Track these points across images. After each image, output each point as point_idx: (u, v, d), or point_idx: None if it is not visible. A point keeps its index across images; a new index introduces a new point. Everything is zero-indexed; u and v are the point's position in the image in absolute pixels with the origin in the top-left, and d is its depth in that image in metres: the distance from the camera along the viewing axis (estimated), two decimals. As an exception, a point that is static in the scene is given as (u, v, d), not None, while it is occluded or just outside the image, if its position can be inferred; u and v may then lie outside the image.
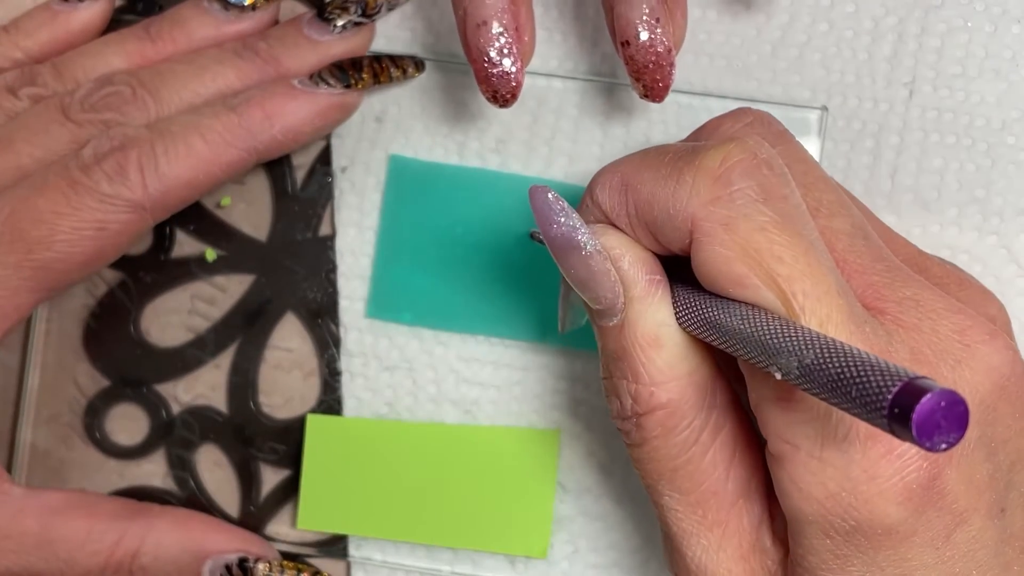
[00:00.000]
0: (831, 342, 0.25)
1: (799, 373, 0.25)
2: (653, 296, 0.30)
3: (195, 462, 0.40)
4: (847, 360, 0.24)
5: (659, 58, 0.34)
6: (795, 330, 0.26)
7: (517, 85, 0.35)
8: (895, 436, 0.23)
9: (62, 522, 0.35)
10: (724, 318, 0.28)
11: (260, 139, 0.36)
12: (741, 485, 0.31)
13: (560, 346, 0.39)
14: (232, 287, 0.40)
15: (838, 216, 0.30)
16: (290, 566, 0.38)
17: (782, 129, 0.33)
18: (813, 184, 0.31)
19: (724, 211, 0.28)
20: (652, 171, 0.30)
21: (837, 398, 0.24)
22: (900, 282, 0.29)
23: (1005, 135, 0.38)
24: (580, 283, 0.30)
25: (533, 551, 0.38)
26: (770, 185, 0.28)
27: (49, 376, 0.40)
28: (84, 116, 0.36)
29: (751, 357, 0.27)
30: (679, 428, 0.30)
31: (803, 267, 0.27)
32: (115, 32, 0.39)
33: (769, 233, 0.28)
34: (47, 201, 0.34)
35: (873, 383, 0.23)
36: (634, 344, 0.30)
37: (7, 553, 0.35)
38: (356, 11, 0.38)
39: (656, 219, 0.30)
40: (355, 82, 0.37)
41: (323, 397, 0.40)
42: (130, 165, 0.35)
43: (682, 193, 0.29)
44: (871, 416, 0.23)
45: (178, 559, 0.36)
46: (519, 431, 0.39)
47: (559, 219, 0.30)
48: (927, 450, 0.22)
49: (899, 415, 0.22)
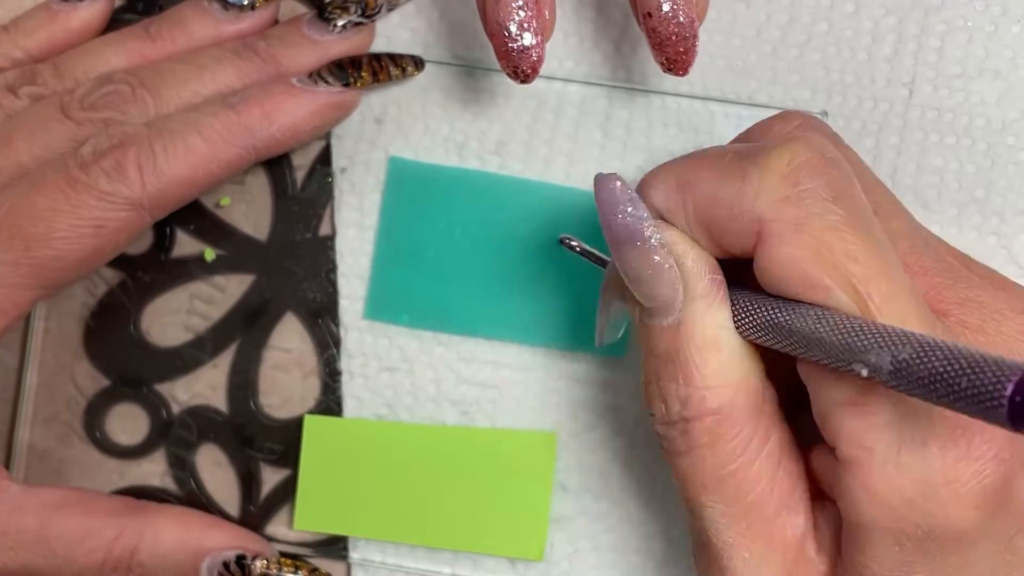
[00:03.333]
0: (928, 338, 0.25)
1: (893, 369, 0.25)
2: (715, 296, 0.30)
3: (195, 462, 0.40)
4: (953, 353, 0.24)
5: (682, 29, 0.34)
6: (883, 328, 0.26)
7: (538, 60, 0.35)
8: (1013, 429, 0.22)
9: (60, 519, 0.35)
10: (794, 320, 0.28)
11: (259, 137, 0.36)
12: (785, 495, 0.30)
13: (559, 347, 0.39)
14: (232, 287, 0.40)
15: (896, 218, 0.30)
16: (287, 563, 0.38)
17: (832, 132, 0.33)
18: (870, 186, 0.30)
19: (794, 210, 0.28)
20: (713, 171, 0.29)
21: (940, 392, 0.24)
22: (962, 283, 0.29)
23: (1005, 135, 0.38)
24: (638, 278, 0.30)
25: (529, 553, 0.38)
26: (839, 185, 0.28)
27: (48, 375, 0.40)
28: (83, 115, 0.36)
29: (824, 359, 0.27)
30: (728, 436, 0.30)
31: (877, 267, 0.27)
32: (115, 32, 0.39)
33: (842, 232, 0.27)
34: (45, 199, 0.34)
35: (988, 374, 0.23)
36: (690, 345, 0.29)
37: (5, 550, 0.35)
38: (356, 11, 0.38)
39: (719, 219, 0.29)
40: (354, 80, 0.37)
41: (323, 397, 0.40)
42: (128, 163, 0.35)
43: (748, 192, 0.28)
44: (984, 409, 0.23)
45: (176, 556, 0.36)
46: (515, 433, 0.39)
47: (626, 209, 0.30)
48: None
49: (1021, 403, 0.22)
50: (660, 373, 0.30)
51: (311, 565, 0.38)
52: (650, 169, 0.38)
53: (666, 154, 0.38)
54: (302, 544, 0.39)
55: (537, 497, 0.38)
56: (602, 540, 0.39)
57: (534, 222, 0.39)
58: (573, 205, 0.39)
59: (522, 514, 0.38)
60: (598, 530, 0.39)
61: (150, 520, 0.36)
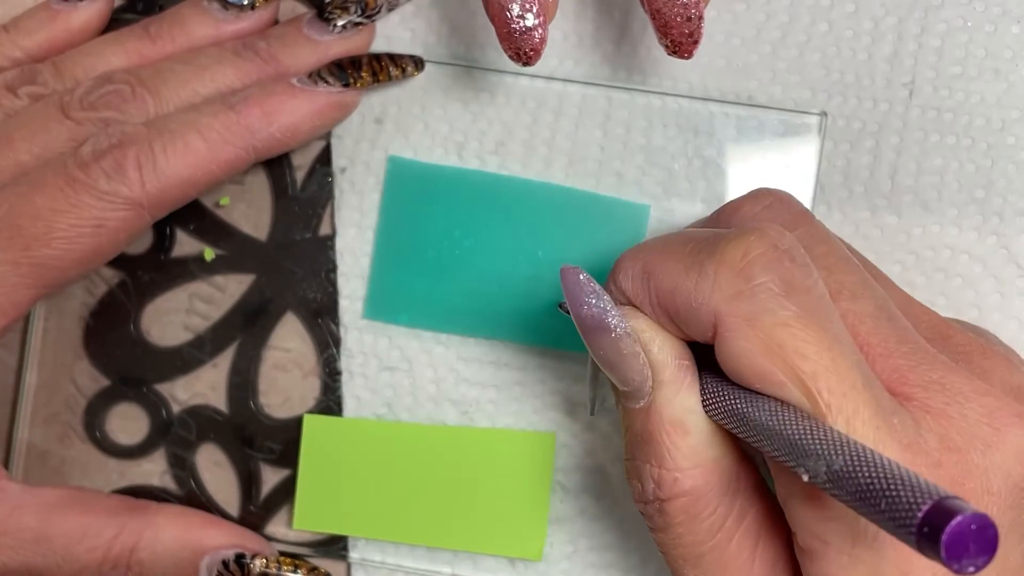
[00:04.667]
0: (861, 450, 0.25)
1: (827, 478, 0.25)
2: (681, 382, 0.30)
3: (194, 461, 0.40)
4: (877, 471, 0.24)
5: (686, 10, 0.33)
6: (824, 432, 0.26)
7: (540, 41, 0.34)
8: (922, 554, 0.22)
9: (59, 518, 0.35)
10: (751, 412, 0.28)
11: (259, 137, 0.36)
12: (767, 568, 0.30)
13: (558, 347, 0.39)
14: (232, 287, 0.40)
15: (861, 298, 0.30)
16: (287, 562, 0.38)
17: (802, 209, 0.33)
18: (835, 266, 0.30)
19: (747, 306, 0.28)
20: (674, 262, 0.30)
21: (865, 508, 0.24)
22: (926, 365, 0.29)
23: (1005, 135, 0.38)
24: (608, 365, 0.30)
25: (528, 553, 0.38)
26: (792, 278, 0.28)
27: (47, 375, 0.40)
28: (83, 114, 0.36)
29: (778, 455, 0.27)
30: (703, 515, 0.30)
31: (827, 363, 0.27)
32: (115, 31, 0.39)
33: (792, 329, 0.27)
34: (45, 198, 0.34)
35: (903, 498, 0.23)
36: (660, 428, 0.30)
37: (5, 549, 0.35)
38: (356, 11, 0.38)
39: (679, 310, 0.29)
40: (354, 81, 0.37)
41: (322, 397, 0.40)
42: (128, 163, 0.35)
43: (704, 287, 0.29)
44: (899, 531, 0.23)
45: (176, 555, 0.36)
46: (515, 434, 0.39)
47: (589, 300, 0.30)
48: (955, 572, 0.22)
49: (928, 534, 0.22)
50: (635, 453, 0.31)
51: (310, 564, 0.38)
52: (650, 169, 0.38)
53: (666, 154, 0.39)
54: (302, 544, 0.40)
55: (536, 497, 0.38)
56: (601, 540, 0.39)
57: (534, 222, 0.39)
58: (573, 205, 0.39)
59: (521, 514, 0.38)
60: (597, 530, 0.39)
61: (149, 519, 0.36)
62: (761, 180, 0.38)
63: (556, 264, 0.38)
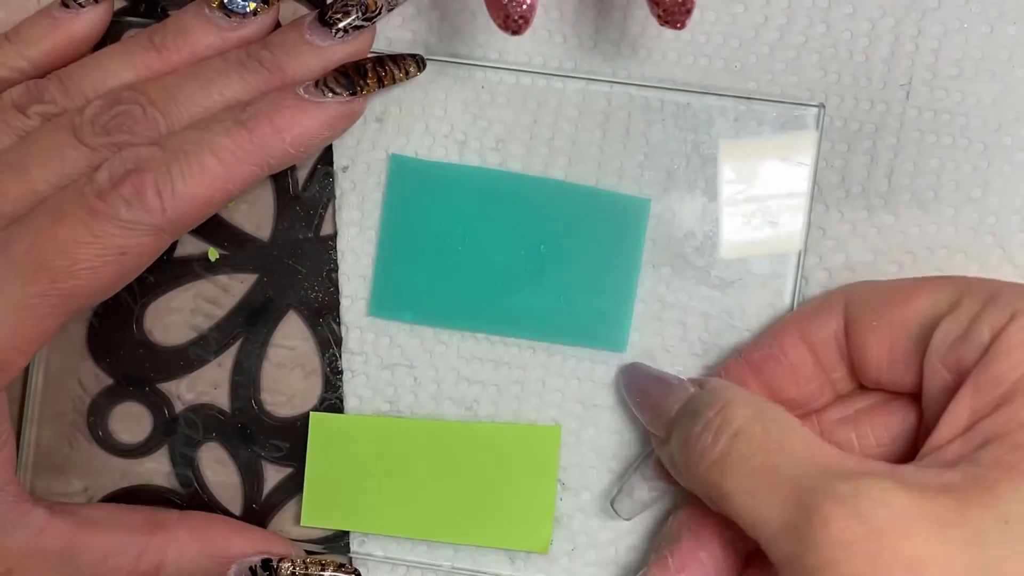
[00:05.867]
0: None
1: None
2: None
3: (198, 460, 0.40)
4: None
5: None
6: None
7: (529, 9, 0.34)
8: None
9: (84, 538, 0.35)
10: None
11: (272, 154, 0.36)
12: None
13: (560, 344, 0.39)
14: (234, 286, 0.40)
15: None
16: (314, 561, 0.38)
17: None
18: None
19: None
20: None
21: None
22: None
23: (1001, 136, 0.38)
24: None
25: (535, 546, 0.39)
26: None
27: (53, 375, 0.41)
28: (97, 140, 0.35)
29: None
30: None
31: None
32: (119, 43, 0.39)
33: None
34: (67, 230, 0.34)
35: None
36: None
37: (31, 572, 0.35)
38: (357, 14, 0.38)
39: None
40: (361, 88, 0.37)
41: (325, 395, 0.40)
42: (147, 189, 0.34)
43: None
44: None
45: (202, 566, 0.36)
46: (520, 427, 0.39)
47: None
48: None
49: None
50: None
51: (337, 560, 0.38)
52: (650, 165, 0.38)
53: (666, 154, 0.39)
54: (305, 540, 0.40)
55: (542, 489, 0.39)
56: (601, 537, 0.39)
57: (536, 217, 0.39)
58: (574, 200, 0.39)
59: (527, 506, 0.39)
60: (597, 527, 0.39)
61: (172, 534, 0.36)
62: (760, 174, 0.38)
63: (558, 259, 0.38)
